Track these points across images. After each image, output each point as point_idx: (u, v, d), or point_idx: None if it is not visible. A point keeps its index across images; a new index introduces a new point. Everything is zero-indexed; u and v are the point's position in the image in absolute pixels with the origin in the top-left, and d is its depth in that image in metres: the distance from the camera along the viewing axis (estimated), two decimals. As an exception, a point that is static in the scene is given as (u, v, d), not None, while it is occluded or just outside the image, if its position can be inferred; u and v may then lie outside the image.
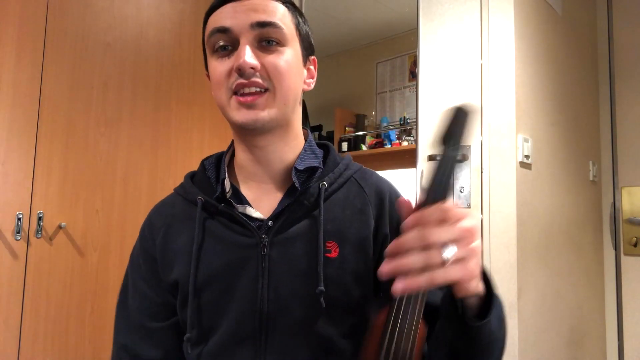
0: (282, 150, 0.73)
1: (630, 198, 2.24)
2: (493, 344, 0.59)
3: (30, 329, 1.62)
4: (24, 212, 1.63)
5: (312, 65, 0.78)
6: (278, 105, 0.68)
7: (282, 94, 0.68)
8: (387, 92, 3.64)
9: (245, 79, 0.66)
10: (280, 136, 0.72)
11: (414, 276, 0.48)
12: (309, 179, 0.74)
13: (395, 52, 3.59)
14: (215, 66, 0.69)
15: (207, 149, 2.15)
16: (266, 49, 0.68)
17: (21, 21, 1.65)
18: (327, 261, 0.69)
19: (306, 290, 0.68)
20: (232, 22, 0.67)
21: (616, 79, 2.34)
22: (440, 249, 0.48)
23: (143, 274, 0.76)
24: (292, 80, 0.70)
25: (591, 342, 2.13)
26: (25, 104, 1.65)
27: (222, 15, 0.68)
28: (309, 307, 0.68)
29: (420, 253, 0.48)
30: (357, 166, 0.79)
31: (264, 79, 0.67)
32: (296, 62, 0.71)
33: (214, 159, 0.79)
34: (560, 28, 2.00)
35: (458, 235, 0.49)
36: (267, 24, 0.67)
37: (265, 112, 0.67)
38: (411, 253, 0.49)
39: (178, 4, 2.11)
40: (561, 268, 1.88)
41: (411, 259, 0.48)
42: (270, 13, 0.68)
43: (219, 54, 0.69)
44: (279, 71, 0.68)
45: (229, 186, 0.74)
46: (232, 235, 0.71)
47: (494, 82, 1.63)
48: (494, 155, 1.61)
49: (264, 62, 0.67)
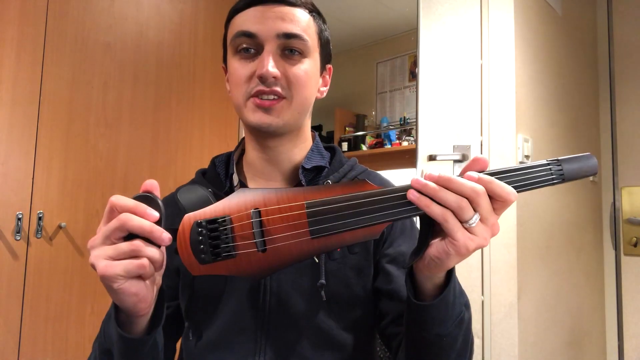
0: (292, 152, 0.76)
1: (630, 198, 2.24)
2: (442, 339, 0.58)
3: (30, 329, 1.62)
4: (24, 212, 1.63)
5: (328, 74, 0.81)
6: (292, 113, 0.71)
7: (297, 104, 0.71)
8: (387, 92, 3.64)
9: (266, 87, 0.68)
10: (291, 139, 0.75)
11: (436, 205, 0.50)
12: (315, 177, 0.77)
13: (395, 52, 3.59)
14: (236, 67, 0.71)
15: (207, 148, 2.15)
16: (289, 57, 0.70)
17: (21, 21, 1.65)
18: (328, 255, 0.71)
19: (307, 283, 0.70)
20: (259, 28, 0.69)
21: (616, 79, 2.34)
22: (469, 210, 0.49)
23: None
24: (309, 91, 0.73)
25: (591, 342, 2.13)
26: (25, 104, 1.65)
27: (248, 18, 0.70)
28: (309, 300, 0.69)
29: (453, 194, 0.49)
30: (363, 168, 0.81)
31: (283, 87, 0.69)
32: (314, 72, 0.74)
33: (224, 157, 0.82)
34: (560, 28, 2.00)
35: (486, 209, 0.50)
36: (293, 35, 0.69)
37: (280, 119, 0.70)
38: (448, 193, 0.50)
39: (178, 4, 2.11)
40: (561, 268, 1.88)
41: (448, 194, 0.50)
42: (296, 23, 0.70)
43: (241, 55, 0.71)
44: (298, 82, 0.70)
45: (237, 181, 0.76)
46: None
47: (494, 82, 1.63)
48: (494, 155, 1.61)
49: (286, 72, 0.69)
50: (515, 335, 1.52)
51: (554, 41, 1.93)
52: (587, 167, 0.56)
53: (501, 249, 1.56)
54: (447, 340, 0.59)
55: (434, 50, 1.73)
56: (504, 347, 1.53)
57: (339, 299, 0.70)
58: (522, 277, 1.57)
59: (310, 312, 0.69)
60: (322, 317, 0.69)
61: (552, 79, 1.90)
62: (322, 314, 0.69)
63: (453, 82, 1.69)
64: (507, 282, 1.55)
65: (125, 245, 0.51)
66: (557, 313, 1.82)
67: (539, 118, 1.77)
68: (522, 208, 1.60)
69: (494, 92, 1.63)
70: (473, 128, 1.64)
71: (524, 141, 1.63)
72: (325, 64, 0.79)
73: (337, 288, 0.70)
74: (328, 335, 0.69)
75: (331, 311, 0.70)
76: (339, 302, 0.70)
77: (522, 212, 1.59)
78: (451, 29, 1.71)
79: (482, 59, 1.66)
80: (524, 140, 1.62)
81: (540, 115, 1.79)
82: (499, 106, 1.62)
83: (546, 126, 1.83)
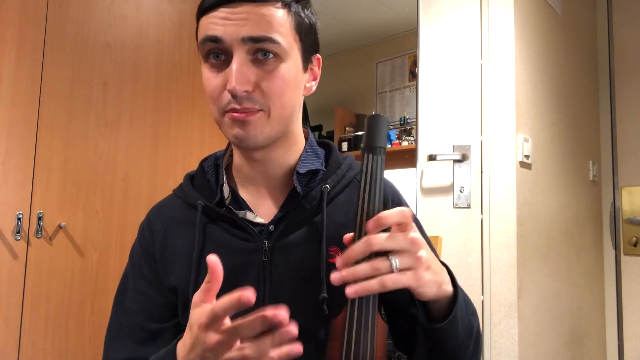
0: (283, 157, 0.72)
1: (630, 198, 2.24)
2: (455, 350, 0.62)
3: (30, 329, 1.62)
4: (24, 212, 1.63)
5: (316, 66, 0.73)
6: (272, 125, 0.65)
7: (276, 114, 0.65)
8: (387, 92, 3.64)
9: (237, 104, 0.62)
10: (279, 146, 0.70)
11: (363, 282, 0.53)
12: (310, 181, 0.73)
13: (395, 52, 3.59)
14: (207, 77, 0.65)
15: (207, 149, 2.15)
16: (262, 62, 0.63)
17: (21, 21, 1.65)
18: (329, 267, 0.67)
19: (308, 296, 0.67)
20: (223, 32, 0.62)
21: (616, 79, 2.34)
22: (387, 257, 0.53)
23: (145, 274, 0.75)
24: (288, 98, 0.66)
25: (591, 342, 2.13)
26: (25, 104, 1.65)
27: (212, 21, 0.63)
28: (311, 314, 0.66)
29: (368, 262, 0.53)
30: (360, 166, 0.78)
31: (256, 101, 0.63)
32: (294, 74, 0.66)
33: (212, 160, 0.77)
34: (560, 28, 2.00)
35: (402, 245, 0.53)
36: (261, 39, 0.62)
37: (259, 132, 0.64)
38: (360, 263, 0.54)
39: (178, 4, 2.11)
40: (561, 268, 1.88)
41: (359, 267, 0.53)
42: (265, 25, 0.62)
43: (211, 63, 0.65)
44: (274, 91, 0.63)
45: (228, 192, 0.72)
46: (233, 240, 0.70)
47: (494, 82, 1.63)
48: (494, 155, 1.61)
49: (259, 82, 0.63)
50: (515, 335, 1.52)
51: (554, 41, 1.93)
52: (382, 125, 0.59)
53: (501, 249, 1.56)
54: (460, 349, 0.62)
55: (434, 50, 1.73)
56: (504, 347, 1.53)
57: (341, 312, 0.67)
58: (522, 277, 1.57)
59: (312, 326, 0.66)
60: (324, 330, 0.66)
61: (552, 79, 1.90)
62: (324, 327, 0.66)
63: (453, 82, 1.69)
64: (507, 282, 1.55)
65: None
66: (557, 313, 1.82)
67: (539, 118, 1.77)
68: (522, 208, 1.60)
69: (494, 91, 1.63)
70: (473, 128, 1.64)
71: (524, 141, 1.63)
72: (311, 55, 0.71)
73: (340, 301, 0.65)
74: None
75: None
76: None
77: (522, 212, 1.59)
78: (451, 28, 1.71)
79: (482, 58, 1.66)
80: (524, 140, 1.62)
81: (540, 115, 1.79)
82: (499, 106, 1.62)
83: (546, 126, 1.83)
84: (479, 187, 1.61)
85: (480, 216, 1.60)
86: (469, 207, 1.61)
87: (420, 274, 0.54)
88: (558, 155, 1.93)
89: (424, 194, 1.69)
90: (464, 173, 1.63)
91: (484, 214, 1.60)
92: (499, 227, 1.57)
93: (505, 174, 1.59)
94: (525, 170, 1.65)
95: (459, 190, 1.63)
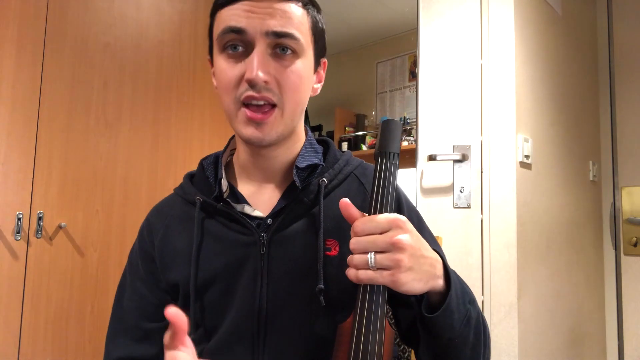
0: (285, 154, 0.74)
1: (630, 198, 2.24)
2: (454, 340, 0.62)
3: (30, 329, 1.62)
4: (24, 212, 1.63)
5: (322, 69, 0.76)
6: (285, 122, 0.68)
7: (290, 110, 0.67)
8: (387, 92, 3.64)
9: (256, 92, 0.64)
10: (284, 143, 0.72)
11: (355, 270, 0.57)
12: (309, 176, 0.74)
13: (395, 52, 3.59)
14: (223, 68, 0.66)
15: (207, 149, 2.15)
16: (280, 57, 0.65)
17: (21, 21, 1.65)
18: (327, 259, 0.69)
19: (305, 288, 0.68)
20: (248, 23, 0.63)
21: (616, 79, 2.34)
22: (367, 255, 0.55)
23: (141, 274, 0.76)
24: (302, 94, 0.69)
25: (591, 342, 2.13)
26: (25, 104, 1.65)
27: (236, 13, 0.64)
28: (308, 306, 0.68)
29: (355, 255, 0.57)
30: (358, 161, 0.78)
31: (274, 93, 0.65)
32: (308, 72, 0.69)
33: (212, 158, 0.79)
34: (560, 28, 2.00)
35: (382, 245, 0.55)
36: (284, 34, 0.64)
37: (273, 132, 0.67)
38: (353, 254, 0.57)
39: (178, 4, 2.11)
40: (561, 268, 1.88)
41: (351, 258, 0.57)
42: (287, 20, 0.64)
43: (228, 54, 0.66)
44: (291, 87, 0.66)
45: (226, 186, 0.73)
46: (231, 234, 0.71)
47: (494, 82, 1.63)
48: (494, 155, 1.61)
49: (277, 75, 0.65)
50: (515, 335, 1.52)
51: (554, 41, 1.93)
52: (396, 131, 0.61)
53: (501, 249, 1.56)
54: (459, 339, 0.62)
55: (434, 50, 1.73)
56: (504, 347, 1.53)
57: (337, 304, 0.68)
58: (522, 277, 1.57)
59: (309, 317, 0.68)
60: (321, 322, 0.68)
61: (552, 79, 1.90)
62: (321, 319, 0.68)
63: (453, 82, 1.69)
64: (507, 282, 1.55)
65: None
66: (557, 313, 1.82)
67: (539, 118, 1.77)
68: (522, 208, 1.60)
69: (494, 91, 1.63)
70: (473, 128, 1.64)
71: (524, 141, 1.63)
72: (320, 58, 0.74)
73: (336, 293, 0.68)
74: (326, 340, 0.68)
75: (330, 316, 0.68)
76: (338, 307, 0.68)
77: (522, 212, 1.59)
78: (451, 28, 1.71)
79: (482, 58, 1.66)
80: (524, 140, 1.62)
81: (540, 115, 1.79)
82: (499, 106, 1.62)
83: (546, 126, 1.83)
84: (479, 187, 1.61)
85: (480, 216, 1.60)
86: (469, 207, 1.61)
87: (397, 275, 0.55)
88: (558, 156, 1.93)
89: (424, 194, 1.69)
90: (464, 173, 1.63)
91: (484, 214, 1.60)
92: (499, 227, 1.57)
93: (505, 174, 1.59)
94: (526, 170, 1.65)
95: (459, 191, 1.63)
